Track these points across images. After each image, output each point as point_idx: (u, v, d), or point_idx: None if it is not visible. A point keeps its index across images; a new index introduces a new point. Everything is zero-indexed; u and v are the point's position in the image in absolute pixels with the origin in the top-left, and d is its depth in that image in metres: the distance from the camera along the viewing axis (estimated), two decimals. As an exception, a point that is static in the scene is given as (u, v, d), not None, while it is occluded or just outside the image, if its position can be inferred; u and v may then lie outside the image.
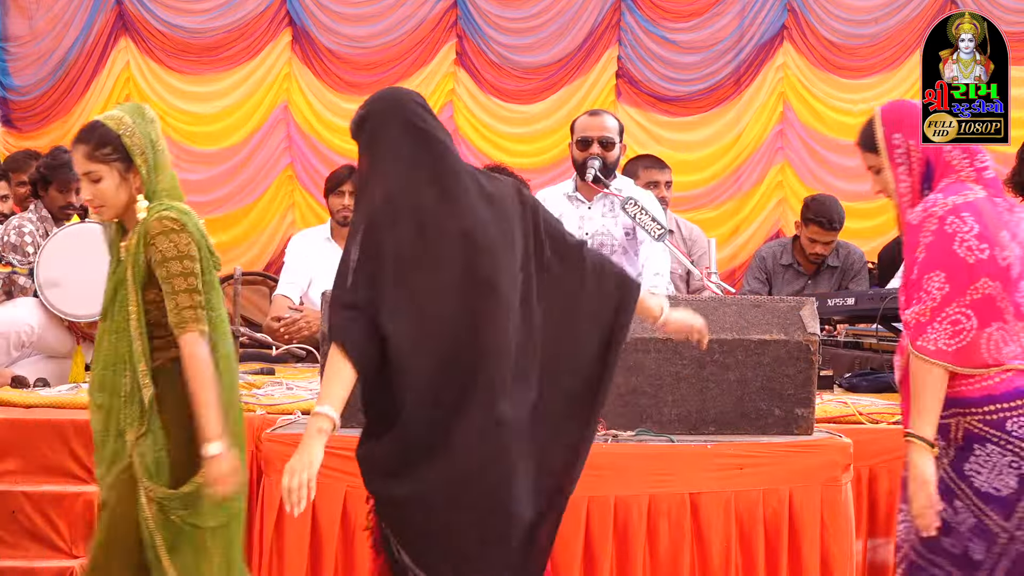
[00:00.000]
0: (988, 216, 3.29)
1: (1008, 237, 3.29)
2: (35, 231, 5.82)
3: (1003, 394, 3.21)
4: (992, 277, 3.21)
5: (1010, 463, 3.20)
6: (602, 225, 5.79)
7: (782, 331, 4.44)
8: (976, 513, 3.23)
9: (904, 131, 3.44)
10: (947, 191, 3.32)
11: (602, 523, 4.35)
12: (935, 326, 3.19)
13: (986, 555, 3.23)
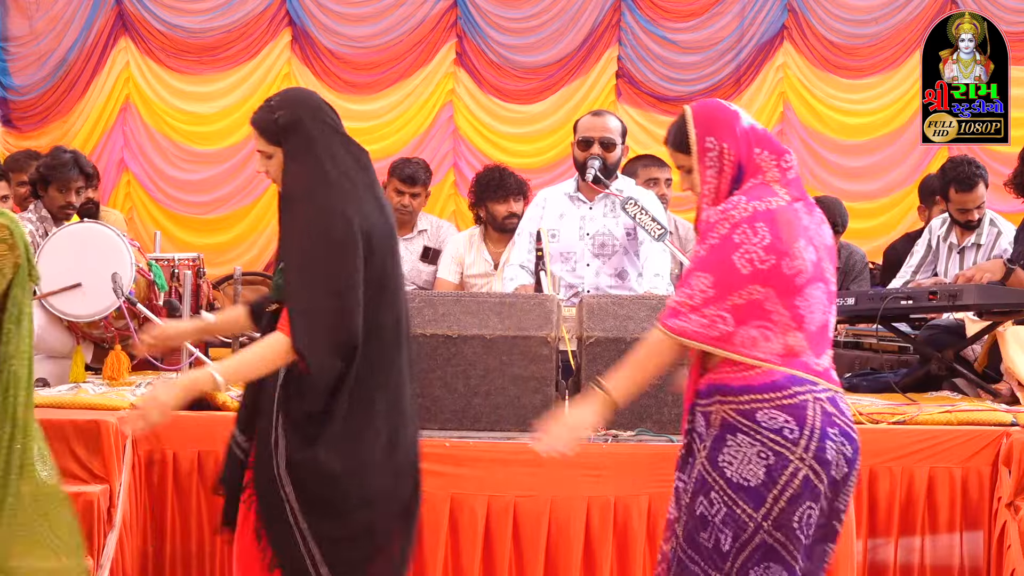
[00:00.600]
0: (784, 225, 3.30)
1: (804, 244, 3.31)
2: (35, 231, 5.82)
3: (759, 386, 3.24)
4: (764, 284, 3.25)
5: (758, 453, 3.22)
6: (603, 225, 5.79)
7: (782, 331, 4.44)
8: (728, 503, 3.24)
9: (717, 134, 3.45)
10: (750, 194, 3.35)
11: (602, 523, 4.36)
12: (690, 317, 3.28)
13: (732, 545, 3.24)
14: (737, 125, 3.50)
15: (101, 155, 8.38)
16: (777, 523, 3.22)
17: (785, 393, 3.24)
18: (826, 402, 3.28)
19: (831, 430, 3.26)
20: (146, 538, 4.75)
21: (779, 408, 3.23)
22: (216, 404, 4.82)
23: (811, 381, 3.26)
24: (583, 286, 5.75)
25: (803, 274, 3.28)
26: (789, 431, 3.22)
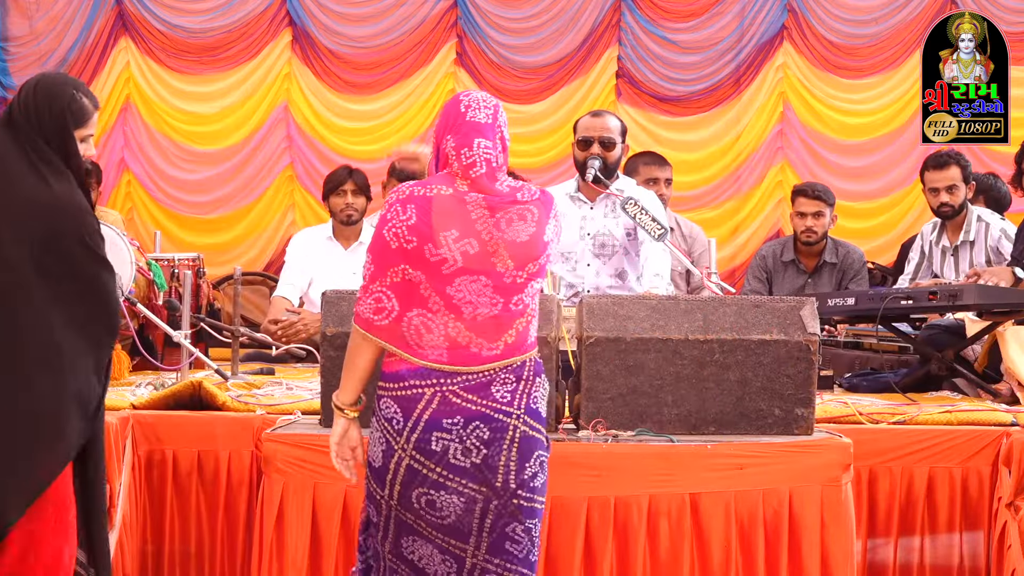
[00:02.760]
0: (437, 213, 3.42)
1: (456, 235, 3.41)
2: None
3: (386, 374, 3.44)
4: (414, 266, 3.39)
5: (379, 439, 3.45)
6: (603, 225, 5.79)
7: (782, 331, 4.44)
8: (367, 480, 3.50)
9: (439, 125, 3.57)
10: (423, 181, 3.50)
11: (602, 523, 4.35)
12: (364, 300, 3.43)
13: (379, 517, 3.49)
14: (453, 113, 3.56)
15: (101, 155, 8.39)
16: (401, 504, 3.43)
17: (401, 384, 3.41)
18: (462, 392, 3.41)
19: (450, 420, 3.40)
20: (146, 538, 4.75)
21: (393, 398, 3.42)
22: (216, 404, 4.82)
23: (440, 375, 3.39)
24: (583, 286, 5.75)
25: (448, 264, 3.39)
26: (396, 422, 3.42)
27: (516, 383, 3.45)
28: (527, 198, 3.53)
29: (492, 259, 3.43)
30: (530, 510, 3.48)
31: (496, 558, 3.46)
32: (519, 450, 3.45)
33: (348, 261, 6.64)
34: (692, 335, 4.46)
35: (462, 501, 3.43)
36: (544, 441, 3.54)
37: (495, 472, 3.42)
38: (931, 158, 6.40)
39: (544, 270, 3.57)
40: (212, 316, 6.28)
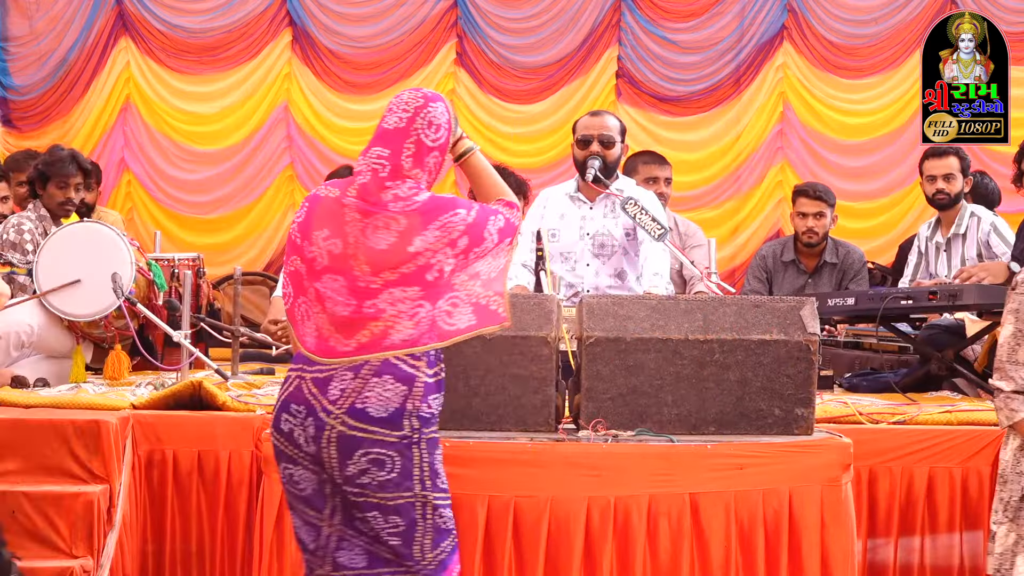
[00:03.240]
0: (320, 214, 3.68)
1: (327, 235, 3.64)
2: (34, 228, 5.82)
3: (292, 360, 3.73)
4: (301, 260, 3.67)
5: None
6: (603, 225, 5.79)
7: (782, 331, 4.44)
8: None
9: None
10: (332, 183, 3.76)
11: (602, 523, 4.35)
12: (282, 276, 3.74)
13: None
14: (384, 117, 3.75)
15: (101, 155, 8.39)
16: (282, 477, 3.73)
17: (289, 369, 3.70)
18: (310, 383, 3.61)
19: (296, 406, 3.62)
20: (146, 538, 4.75)
21: (281, 382, 3.74)
22: (216, 404, 4.82)
23: (307, 362, 3.62)
24: (582, 286, 5.75)
25: (318, 261, 3.63)
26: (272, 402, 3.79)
27: (350, 381, 3.60)
28: (398, 209, 3.64)
29: (350, 262, 3.62)
30: (366, 504, 3.62)
31: (349, 528, 3.68)
32: (338, 448, 3.59)
33: (348, 261, 6.64)
34: (692, 335, 4.46)
35: (314, 476, 3.66)
36: (377, 439, 3.61)
37: (322, 465, 3.64)
38: (931, 148, 6.48)
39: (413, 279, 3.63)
40: (212, 316, 6.29)
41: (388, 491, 3.63)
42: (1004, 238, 6.29)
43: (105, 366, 5.51)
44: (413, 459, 3.65)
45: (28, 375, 5.33)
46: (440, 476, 3.73)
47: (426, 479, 3.68)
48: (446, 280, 3.66)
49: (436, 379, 3.71)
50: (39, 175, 5.93)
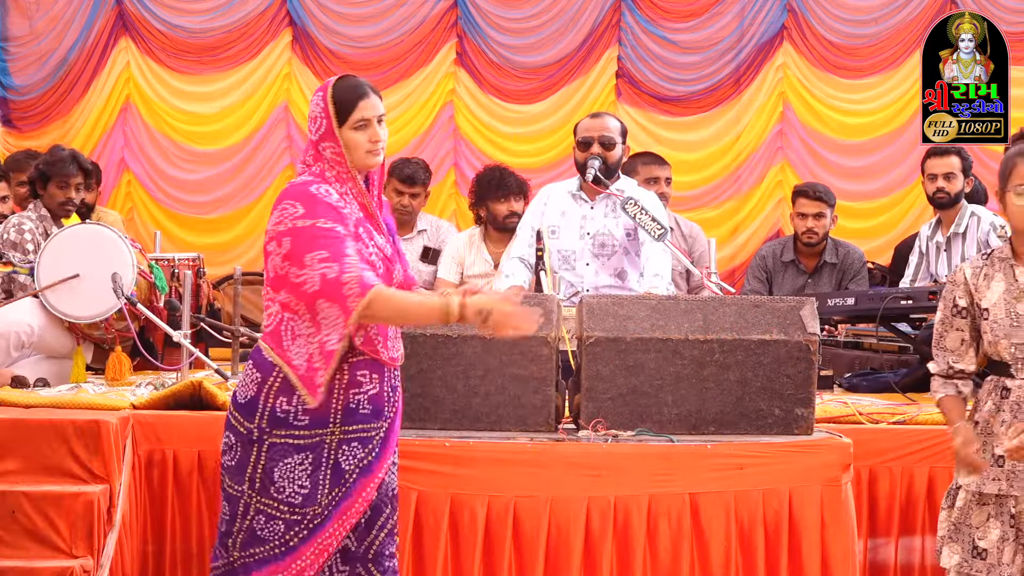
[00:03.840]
0: None
1: None
2: (35, 228, 5.82)
3: None
4: None
5: None
6: (603, 225, 5.79)
7: (782, 331, 4.44)
8: None
9: None
10: None
11: (602, 523, 4.36)
12: None
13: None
14: None
15: (101, 155, 8.39)
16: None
17: None
18: None
19: None
20: (146, 538, 4.75)
21: None
22: (216, 404, 4.82)
23: None
24: (582, 285, 5.75)
25: None
26: None
27: None
28: None
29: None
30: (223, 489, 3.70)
31: None
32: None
33: (348, 261, 6.64)
34: (692, 335, 4.46)
35: None
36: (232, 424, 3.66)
37: None
38: (933, 147, 6.50)
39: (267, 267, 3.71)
40: (212, 316, 6.28)
41: (226, 477, 3.68)
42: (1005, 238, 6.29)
43: (106, 368, 5.51)
44: (250, 457, 3.61)
45: (28, 375, 5.33)
46: (277, 485, 3.59)
47: (257, 481, 3.61)
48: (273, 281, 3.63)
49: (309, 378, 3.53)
50: (40, 175, 5.93)
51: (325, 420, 3.56)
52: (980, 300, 3.64)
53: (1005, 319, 3.55)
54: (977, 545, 3.55)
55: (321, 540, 3.59)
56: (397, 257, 3.70)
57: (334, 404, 3.56)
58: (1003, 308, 3.55)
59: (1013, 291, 3.54)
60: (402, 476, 4.38)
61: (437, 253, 7.01)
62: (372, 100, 3.61)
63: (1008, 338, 3.55)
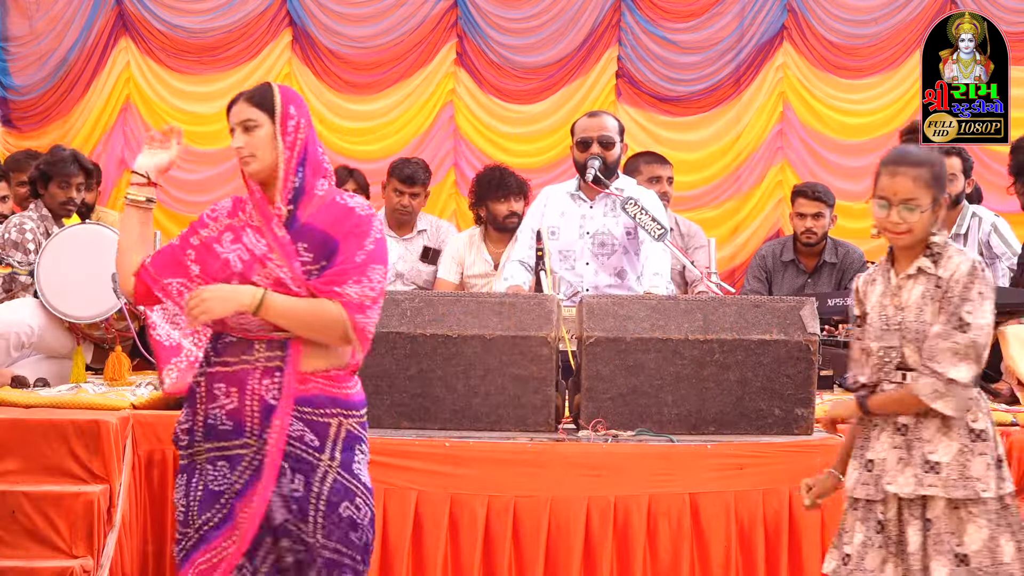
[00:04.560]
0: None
1: None
2: (35, 228, 5.83)
3: (359, 401, 3.54)
4: None
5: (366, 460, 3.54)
6: (603, 225, 5.79)
7: (782, 331, 4.44)
8: (371, 506, 3.52)
9: (298, 107, 3.53)
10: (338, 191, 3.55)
11: (602, 523, 4.36)
12: (372, 312, 3.44)
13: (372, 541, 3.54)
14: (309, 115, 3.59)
15: (101, 155, 8.38)
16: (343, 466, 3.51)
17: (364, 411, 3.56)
18: None
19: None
20: (146, 538, 4.75)
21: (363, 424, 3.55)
22: (216, 404, 4.82)
23: None
24: (582, 285, 5.75)
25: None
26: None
27: None
28: None
29: None
30: None
31: None
32: None
33: (348, 261, 6.64)
34: (692, 335, 4.46)
35: None
36: None
37: None
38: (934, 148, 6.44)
39: None
40: (212, 316, 6.27)
41: None
42: (1004, 239, 6.29)
43: (106, 367, 5.51)
44: None
45: (28, 375, 5.33)
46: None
47: None
48: None
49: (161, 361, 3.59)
50: (41, 175, 5.94)
51: (192, 438, 3.49)
52: (866, 305, 3.57)
53: (877, 322, 3.48)
54: (844, 551, 3.50)
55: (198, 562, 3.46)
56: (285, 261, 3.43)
57: (197, 419, 3.49)
58: (877, 311, 3.49)
59: (887, 294, 3.48)
60: (402, 476, 4.39)
61: (437, 253, 7.01)
62: (238, 107, 3.51)
63: (879, 341, 3.48)
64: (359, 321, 3.39)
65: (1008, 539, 3.38)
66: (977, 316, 3.40)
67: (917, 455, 3.42)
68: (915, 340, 3.42)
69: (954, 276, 3.42)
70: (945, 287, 3.42)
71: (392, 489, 4.39)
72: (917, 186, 3.44)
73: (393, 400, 4.51)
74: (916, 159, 3.49)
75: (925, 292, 3.44)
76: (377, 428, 4.50)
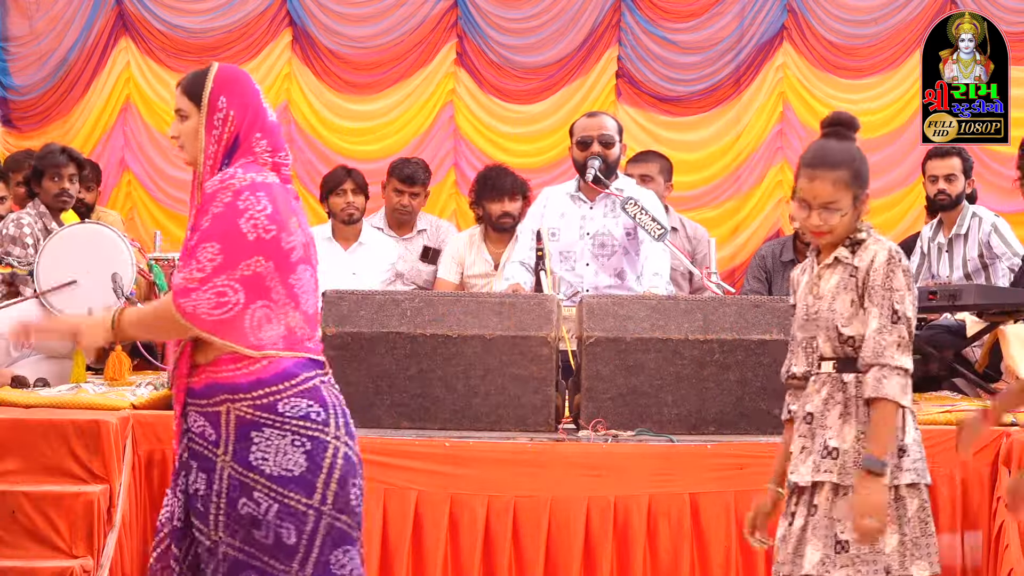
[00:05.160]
0: (281, 200, 3.31)
1: (296, 224, 3.33)
2: (33, 223, 5.84)
3: (271, 377, 3.23)
4: (267, 257, 3.25)
5: (292, 442, 3.22)
6: (603, 225, 5.80)
7: (782, 331, 4.44)
8: (277, 498, 3.22)
9: (230, 97, 3.41)
10: (245, 168, 3.33)
11: (602, 523, 4.36)
12: (200, 293, 3.21)
13: (299, 537, 3.24)
14: (252, 101, 3.43)
15: (102, 155, 8.38)
16: (337, 505, 3.25)
17: (299, 380, 3.25)
18: (331, 385, 3.33)
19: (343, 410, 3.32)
20: (146, 538, 4.75)
21: (299, 395, 3.25)
22: (216, 404, 4.82)
23: (319, 364, 3.30)
24: (582, 285, 5.75)
25: (296, 251, 3.29)
26: (316, 414, 3.24)
27: None
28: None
29: (311, 249, 3.39)
30: None
31: None
32: None
33: (348, 261, 6.65)
34: (692, 335, 4.46)
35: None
36: None
37: None
38: (934, 148, 6.48)
39: None
40: (212, 316, 6.27)
41: None
42: (1004, 239, 6.29)
43: (106, 367, 5.51)
44: None
45: (28, 375, 5.33)
46: None
47: None
48: None
49: None
50: (33, 172, 5.98)
51: None
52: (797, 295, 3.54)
53: (801, 312, 3.46)
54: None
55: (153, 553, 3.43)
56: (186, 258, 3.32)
57: None
58: (801, 301, 3.48)
59: (810, 284, 3.46)
60: (402, 476, 4.39)
61: (437, 253, 7.01)
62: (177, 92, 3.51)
63: (802, 331, 3.44)
64: (183, 305, 3.18)
65: (894, 530, 3.30)
66: (907, 307, 3.33)
67: (819, 442, 3.36)
68: (826, 329, 3.36)
69: (873, 266, 3.34)
70: (862, 277, 3.35)
71: (392, 489, 4.39)
72: (837, 189, 3.33)
73: (393, 400, 4.51)
74: (834, 160, 3.36)
75: (840, 281, 3.38)
76: (377, 428, 4.50)
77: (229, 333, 3.22)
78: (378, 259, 6.69)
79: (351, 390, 4.47)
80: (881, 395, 3.28)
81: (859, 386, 3.35)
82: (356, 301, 4.55)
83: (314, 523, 3.24)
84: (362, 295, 4.59)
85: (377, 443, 4.41)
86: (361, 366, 4.48)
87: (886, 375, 3.29)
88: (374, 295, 4.61)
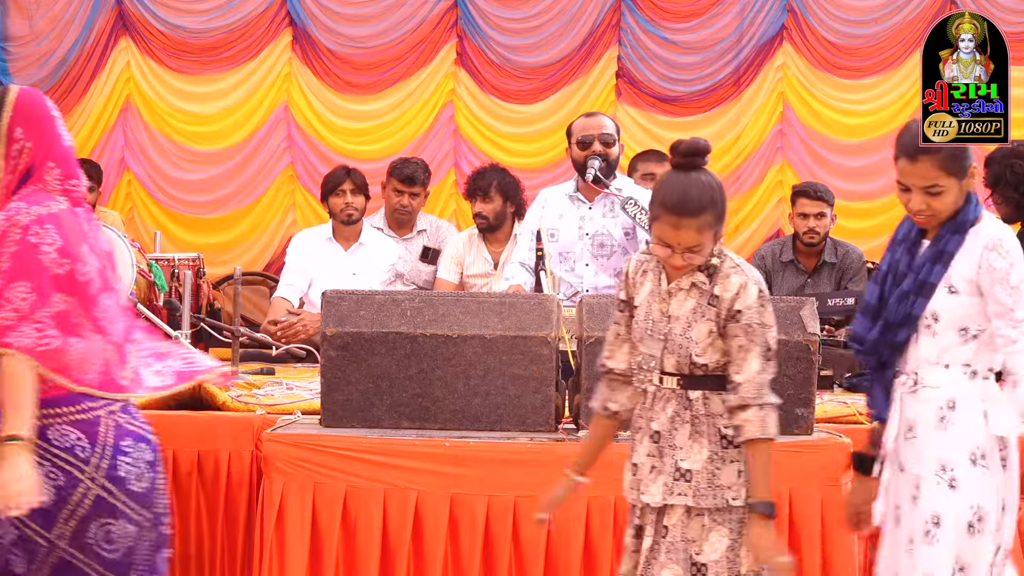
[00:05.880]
0: (71, 229, 3.18)
1: (88, 250, 3.20)
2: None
3: (49, 399, 3.12)
4: (68, 293, 3.12)
5: (48, 474, 3.10)
6: (602, 225, 5.80)
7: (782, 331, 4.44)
8: (18, 526, 3.12)
9: (27, 127, 3.24)
10: (29, 199, 3.18)
11: (602, 523, 4.36)
12: (23, 329, 3.06)
13: (28, 566, 3.16)
14: (50, 130, 3.27)
15: (102, 155, 8.39)
16: (73, 541, 3.16)
17: (78, 408, 3.16)
18: (120, 414, 3.22)
19: (124, 443, 3.21)
20: None
21: (72, 424, 3.16)
22: (216, 404, 4.82)
23: (107, 398, 3.19)
24: (581, 286, 5.76)
25: (93, 283, 3.18)
26: (81, 449, 3.15)
27: None
28: None
29: (108, 273, 3.26)
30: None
31: None
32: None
33: (348, 262, 6.66)
34: (692, 335, 4.45)
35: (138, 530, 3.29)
36: None
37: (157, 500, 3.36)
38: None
39: None
40: (212, 316, 6.29)
41: None
42: None
43: None
44: None
45: None
46: None
47: None
48: None
49: None
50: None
51: None
52: (635, 296, 3.49)
53: (643, 323, 3.43)
54: None
55: None
56: None
57: None
58: (644, 310, 3.44)
59: (655, 294, 3.42)
60: (402, 476, 4.39)
61: (437, 253, 7.02)
62: None
63: (641, 343, 3.41)
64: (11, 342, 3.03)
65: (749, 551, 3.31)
66: (773, 342, 3.35)
67: (669, 462, 3.36)
68: (677, 352, 3.33)
69: (743, 301, 3.32)
70: (725, 308, 3.32)
71: (392, 489, 4.39)
72: (701, 233, 3.29)
73: (393, 400, 4.51)
74: (696, 206, 3.28)
75: (697, 308, 3.35)
76: (377, 428, 4.50)
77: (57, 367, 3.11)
78: (378, 259, 6.70)
79: (351, 390, 4.48)
80: (767, 435, 3.30)
81: (707, 403, 3.36)
82: (356, 301, 4.55)
83: (44, 555, 3.16)
84: (362, 295, 4.59)
85: (377, 443, 4.41)
86: (361, 366, 4.48)
87: (768, 414, 3.31)
88: (374, 295, 4.61)
